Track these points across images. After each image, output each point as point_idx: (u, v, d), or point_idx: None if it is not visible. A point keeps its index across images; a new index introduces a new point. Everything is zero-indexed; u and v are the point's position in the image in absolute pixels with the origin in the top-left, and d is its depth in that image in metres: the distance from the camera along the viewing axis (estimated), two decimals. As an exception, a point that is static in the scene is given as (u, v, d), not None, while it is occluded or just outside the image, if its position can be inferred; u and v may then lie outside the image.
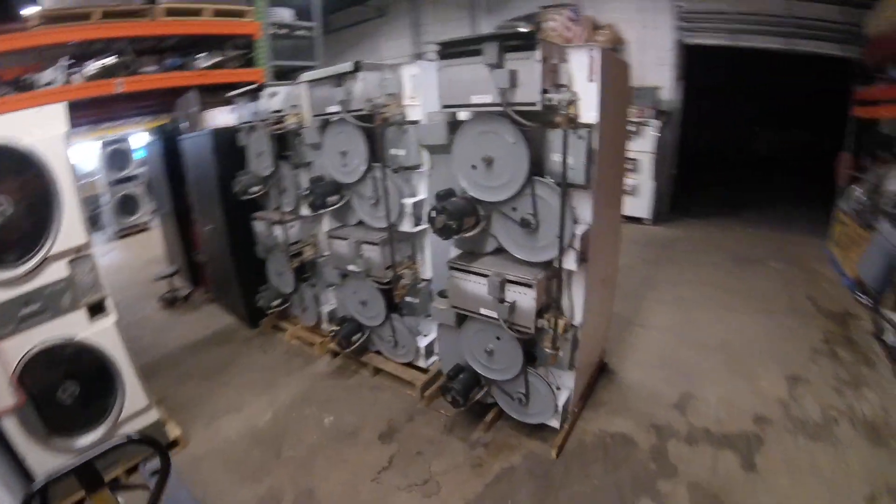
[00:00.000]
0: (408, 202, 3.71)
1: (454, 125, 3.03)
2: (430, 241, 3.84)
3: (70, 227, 2.99)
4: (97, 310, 3.21)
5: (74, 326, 3.09)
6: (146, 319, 6.09)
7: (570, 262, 2.94)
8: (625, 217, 8.48)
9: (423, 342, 4.21)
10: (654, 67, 8.13)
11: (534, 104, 2.58)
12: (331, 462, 3.64)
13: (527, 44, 2.51)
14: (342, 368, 4.75)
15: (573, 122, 2.66)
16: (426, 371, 4.31)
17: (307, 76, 3.94)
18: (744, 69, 10.99)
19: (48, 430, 3.01)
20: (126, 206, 10.34)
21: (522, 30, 3.05)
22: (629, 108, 3.93)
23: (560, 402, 3.44)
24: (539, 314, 3.03)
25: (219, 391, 4.50)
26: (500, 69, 2.58)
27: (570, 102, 2.59)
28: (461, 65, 2.76)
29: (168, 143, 5.98)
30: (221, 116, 5.24)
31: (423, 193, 3.82)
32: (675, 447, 3.54)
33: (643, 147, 7.87)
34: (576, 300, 3.24)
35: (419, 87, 3.52)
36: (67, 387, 3.10)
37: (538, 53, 2.49)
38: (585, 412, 3.93)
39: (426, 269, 4.06)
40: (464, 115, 3.05)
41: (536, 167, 2.81)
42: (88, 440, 3.17)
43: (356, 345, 4.38)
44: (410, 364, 4.37)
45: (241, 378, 4.71)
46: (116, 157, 10.10)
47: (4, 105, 4.29)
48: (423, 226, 3.83)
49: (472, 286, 3.15)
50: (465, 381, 3.53)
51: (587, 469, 3.42)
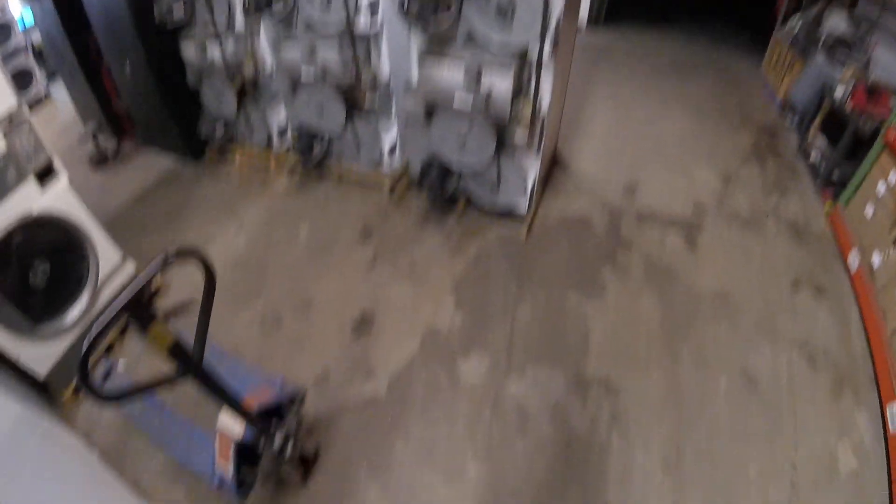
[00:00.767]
0: (364, -6, 3.52)
1: None
2: (388, 38, 3.73)
3: None
4: (46, 174, 2.86)
5: (27, 200, 2.73)
6: (82, 187, 5.36)
7: (546, 48, 3.01)
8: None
9: (387, 143, 4.26)
10: None
11: None
12: (318, 271, 3.79)
13: None
14: (303, 184, 4.74)
15: None
16: (391, 172, 4.42)
17: None
18: None
19: (32, 321, 2.76)
20: (19, 82, 8.86)
21: None
22: None
23: (529, 185, 3.73)
24: (514, 99, 3.16)
25: (182, 233, 4.34)
26: None
27: None
28: None
29: None
30: None
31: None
32: (628, 226, 4.04)
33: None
34: (544, 89, 3.36)
35: None
36: (37, 267, 2.79)
37: None
38: (545, 198, 4.30)
39: (384, 68, 3.98)
40: None
41: None
42: (75, 314, 2.99)
43: (317, 155, 4.36)
44: (374, 168, 4.45)
45: (202, 214, 4.56)
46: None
47: None
48: (380, 21, 3.70)
49: (446, 74, 3.18)
50: (440, 173, 3.70)
51: (554, 245, 3.87)
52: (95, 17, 4.76)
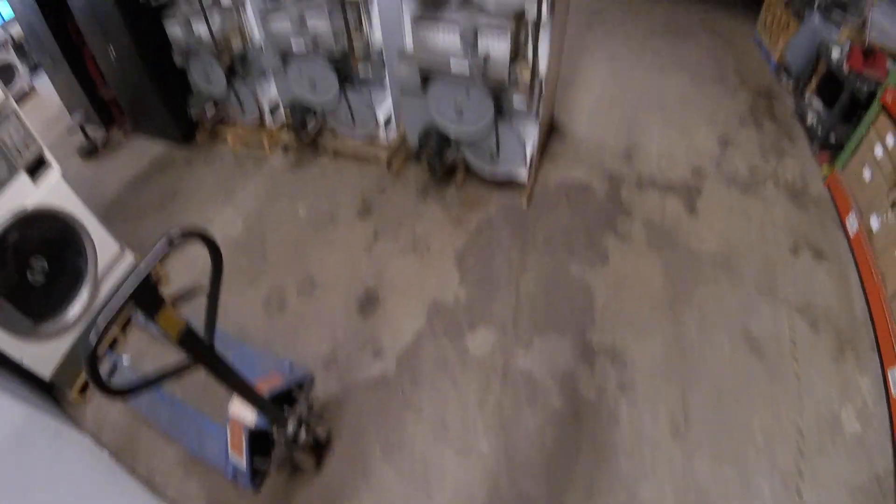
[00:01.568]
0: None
1: None
2: (379, 3, 3.60)
3: None
4: (38, 166, 2.75)
5: (20, 195, 2.62)
6: (74, 179, 5.23)
7: (544, 10, 2.90)
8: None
9: (382, 114, 4.16)
10: None
11: None
12: (319, 248, 3.75)
13: None
14: (299, 160, 4.66)
15: None
16: (388, 144, 4.33)
17: None
18: None
19: (33, 321, 2.67)
20: (1, 77, 8.55)
21: None
22: None
23: (528, 152, 3.66)
24: (512, 62, 3.05)
25: (179, 216, 4.27)
26: None
27: None
28: None
29: None
30: None
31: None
32: (628, 192, 3.98)
33: None
34: (541, 50, 3.25)
35: None
36: (35, 265, 2.68)
37: None
38: (544, 165, 4.24)
39: (376, 35, 3.85)
40: None
41: None
42: (77, 310, 2.90)
43: (311, 130, 4.26)
44: (370, 140, 4.36)
45: (197, 197, 4.48)
46: None
47: None
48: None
49: (441, 39, 3.08)
50: (437, 143, 3.62)
51: (555, 212, 3.83)
52: (76, 2, 4.58)
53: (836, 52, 4.07)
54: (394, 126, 4.34)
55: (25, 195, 2.65)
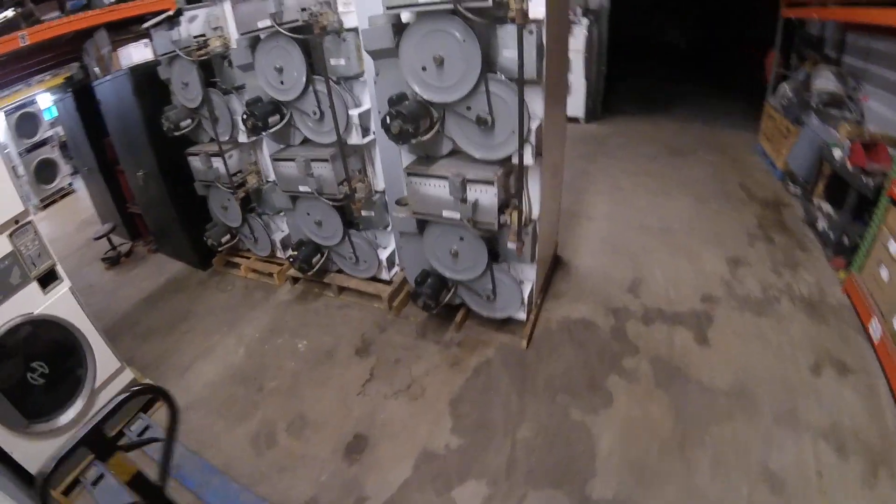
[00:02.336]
0: (353, 113, 3.61)
1: (399, 27, 2.93)
2: (380, 151, 3.79)
3: (3, 198, 2.78)
4: (49, 279, 3.00)
5: (29, 303, 2.87)
6: (93, 284, 5.72)
7: (528, 157, 3.00)
8: (562, 117, 8.61)
9: (384, 254, 4.26)
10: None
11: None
12: (315, 385, 3.71)
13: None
14: (305, 293, 4.75)
15: (525, 17, 2.64)
16: (390, 283, 4.39)
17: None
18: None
19: (27, 419, 2.83)
20: (44, 173, 9.27)
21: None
22: (567, 7, 3.93)
23: (525, 295, 3.63)
24: (500, 210, 3.12)
25: (185, 339, 4.38)
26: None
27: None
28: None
29: (80, 95, 5.45)
30: (137, 52, 4.83)
31: (368, 103, 3.72)
32: (634, 327, 3.86)
33: (575, 46, 7.83)
34: (533, 194, 3.35)
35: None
36: (35, 367, 2.89)
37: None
38: (547, 303, 4.18)
39: (378, 181, 4.03)
40: (407, 16, 2.95)
41: (487, 64, 2.78)
42: (70, 416, 3.04)
43: (317, 267, 4.37)
44: (373, 278, 4.42)
45: (205, 322, 4.60)
46: (25, 123, 8.94)
47: None
48: (371, 136, 3.78)
49: (433, 190, 3.19)
50: (434, 285, 3.64)
51: (557, 353, 3.70)
52: (112, 123, 5.07)
53: (838, 152, 4.06)
54: (396, 266, 4.43)
55: (34, 303, 2.90)
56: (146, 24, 4.26)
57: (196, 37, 3.98)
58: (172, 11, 4.06)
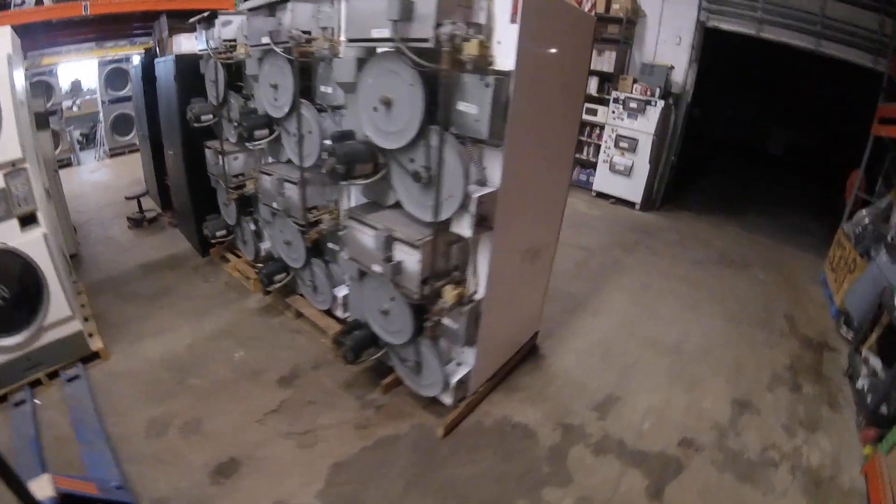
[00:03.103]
0: (328, 142, 3.47)
1: (362, 62, 2.78)
2: (356, 187, 3.64)
3: (6, 143, 3.15)
4: (28, 221, 3.33)
5: (6, 234, 3.23)
6: (111, 238, 6.16)
7: (464, 227, 2.70)
8: (615, 199, 8.12)
9: (342, 292, 4.07)
10: (670, 45, 7.59)
11: (426, 41, 2.32)
12: (227, 397, 3.63)
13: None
14: (270, 307, 4.70)
15: (481, 66, 2.40)
16: (342, 322, 4.16)
17: (246, 5, 3.74)
18: (765, 62, 10.24)
19: None
20: (121, 126, 10.33)
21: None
22: (585, 69, 3.59)
23: (453, 379, 3.27)
24: (427, 280, 2.82)
25: (155, 314, 4.54)
26: (394, -2, 2.30)
27: (466, 40, 2.30)
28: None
29: (147, 67, 5.88)
30: (187, 42, 5.17)
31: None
32: (579, 453, 3.28)
33: (644, 127, 7.42)
34: (480, 270, 3.02)
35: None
36: None
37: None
38: (495, 394, 3.73)
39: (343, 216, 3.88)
40: (379, 51, 2.79)
41: (442, 115, 2.50)
42: (9, 342, 3.34)
43: (279, 284, 4.32)
44: (329, 312, 4.26)
45: (179, 305, 4.72)
46: (115, 77, 10.05)
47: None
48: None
49: (367, 239, 2.97)
50: (360, 338, 3.39)
51: (475, 454, 3.24)
52: (161, 103, 5.36)
53: (902, 301, 3.30)
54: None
55: (11, 237, 3.26)
56: (191, 19, 4.46)
57: (227, 41, 4.09)
58: (211, 12, 4.20)
